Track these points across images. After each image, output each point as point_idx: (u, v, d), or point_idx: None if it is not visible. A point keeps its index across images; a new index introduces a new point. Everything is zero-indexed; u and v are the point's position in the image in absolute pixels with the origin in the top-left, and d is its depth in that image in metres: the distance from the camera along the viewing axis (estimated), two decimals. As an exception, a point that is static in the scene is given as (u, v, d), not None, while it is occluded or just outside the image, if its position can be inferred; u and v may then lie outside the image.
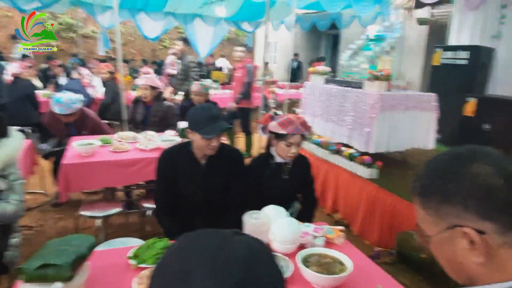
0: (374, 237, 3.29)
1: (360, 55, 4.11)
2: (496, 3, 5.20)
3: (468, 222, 0.66)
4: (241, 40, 17.73)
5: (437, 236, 0.73)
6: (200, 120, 1.95)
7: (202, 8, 10.06)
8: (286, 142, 2.09)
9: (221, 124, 1.97)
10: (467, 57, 4.77)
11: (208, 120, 1.94)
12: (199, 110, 2.01)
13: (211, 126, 1.93)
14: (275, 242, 1.62)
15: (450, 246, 0.71)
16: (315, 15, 10.50)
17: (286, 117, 2.14)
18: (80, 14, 12.44)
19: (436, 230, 0.73)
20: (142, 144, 3.25)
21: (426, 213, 0.74)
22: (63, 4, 8.86)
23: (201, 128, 1.93)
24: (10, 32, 12.67)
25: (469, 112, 4.60)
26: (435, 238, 0.74)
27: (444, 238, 0.71)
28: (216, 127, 1.94)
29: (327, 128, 4.06)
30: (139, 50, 15.51)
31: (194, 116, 1.99)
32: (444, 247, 0.73)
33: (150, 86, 3.91)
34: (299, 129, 2.08)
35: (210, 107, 2.04)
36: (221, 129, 1.96)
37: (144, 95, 3.94)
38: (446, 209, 0.69)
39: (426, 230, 0.76)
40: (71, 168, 2.76)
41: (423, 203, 0.75)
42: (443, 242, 0.72)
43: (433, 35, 8.10)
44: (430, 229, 0.74)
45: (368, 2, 7.48)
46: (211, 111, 1.98)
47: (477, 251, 0.66)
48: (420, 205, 0.76)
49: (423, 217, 0.75)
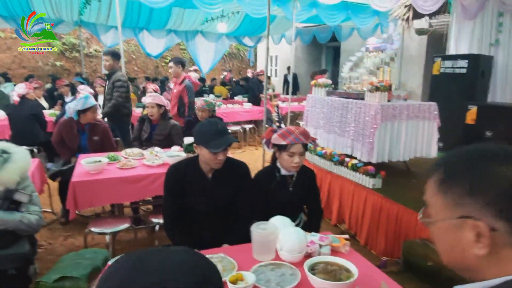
0: (380, 247, 3.30)
1: (361, 66, 4.18)
2: (493, 12, 5.28)
3: (484, 217, 0.67)
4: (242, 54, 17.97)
5: (445, 221, 0.73)
6: (207, 135, 2.00)
7: (204, 24, 10.24)
8: (288, 152, 2.14)
9: (227, 139, 2.03)
10: (466, 65, 4.83)
11: (215, 135, 1.99)
12: (206, 125, 2.06)
13: (218, 140, 1.98)
14: (282, 251, 1.65)
15: (455, 234, 0.72)
16: (315, 28, 10.66)
17: (286, 128, 2.21)
18: (84, 34, 12.69)
19: (446, 215, 0.73)
20: (148, 160, 3.31)
21: (442, 197, 0.74)
22: (67, 25, 9.09)
23: (208, 143, 1.98)
24: (16, 54, 12.93)
25: (470, 120, 4.64)
26: (442, 223, 0.74)
27: (452, 225, 0.72)
28: (222, 141, 1.99)
29: (330, 139, 4.11)
30: (142, 67, 15.72)
31: (201, 131, 2.04)
32: (448, 233, 0.74)
33: (157, 104, 3.98)
34: (299, 139, 2.13)
35: (216, 122, 2.09)
36: (227, 143, 2.01)
37: (151, 113, 3.98)
38: (467, 200, 0.69)
39: (434, 212, 0.76)
40: (80, 185, 2.81)
41: (443, 188, 0.74)
42: (450, 228, 0.73)
43: (432, 45, 8.19)
44: (440, 212, 0.74)
45: (367, 14, 7.62)
46: (217, 126, 2.03)
47: (481, 244, 0.68)
48: (438, 188, 0.75)
49: (436, 200, 0.75)
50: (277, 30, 10.37)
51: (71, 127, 3.76)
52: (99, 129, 3.88)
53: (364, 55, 4.21)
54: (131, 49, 15.23)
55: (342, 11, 7.28)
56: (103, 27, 9.48)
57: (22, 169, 2.05)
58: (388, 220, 3.24)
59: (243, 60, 18.31)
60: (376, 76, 3.89)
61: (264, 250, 1.68)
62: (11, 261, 2.03)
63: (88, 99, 3.73)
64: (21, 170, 2.04)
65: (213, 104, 4.47)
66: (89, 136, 3.81)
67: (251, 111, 7.70)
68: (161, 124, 4.06)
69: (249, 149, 7.33)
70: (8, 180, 1.97)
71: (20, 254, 2.08)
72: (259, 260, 1.66)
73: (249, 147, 7.55)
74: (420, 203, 0.82)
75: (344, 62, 4.61)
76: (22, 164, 2.06)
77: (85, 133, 3.81)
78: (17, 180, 2.00)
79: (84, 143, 3.83)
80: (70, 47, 13.97)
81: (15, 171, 2.00)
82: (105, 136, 3.92)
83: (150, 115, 4.01)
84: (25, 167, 2.08)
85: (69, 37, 13.83)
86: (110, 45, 10.35)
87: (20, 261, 2.06)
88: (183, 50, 15.97)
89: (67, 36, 13.77)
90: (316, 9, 6.99)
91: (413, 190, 3.46)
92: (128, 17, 8.91)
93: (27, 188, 2.10)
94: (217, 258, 1.63)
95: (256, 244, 1.68)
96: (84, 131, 3.81)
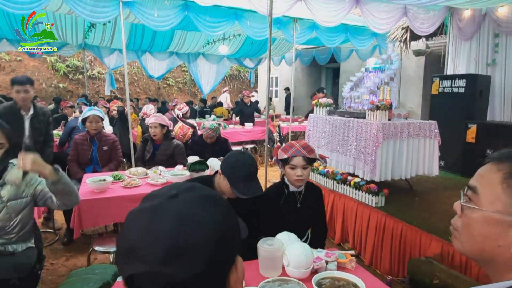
0: (385, 266, 3.28)
1: (361, 86, 4.25)
2: (489, 33, 5.42)
3: None
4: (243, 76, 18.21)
5: (496, 214, 0.71)
6: (237, 175, 1.94)
7: (205, 47, 10.44)
8: (290, 165, 2.18)
9: (255, 188, 1.96)
10: (464, 85, 4.92)
11: (245, 178, 1.94)
12: (241, 164, 1.97)
13: (246, 185, 1.93)
14: (289, 267, 1.66)
15: (500, 229, 0.70)
16: (314, 50, 10.85)
17: (288, 142, 2.27)
18: (87, 56, 12.92)
19: (499, 208, 0.71)
20: (152, 179, 3.33)
21: (505, 190, 0.71)
22: (71, 48, 9.28)
23: (236, 184, 1.93)
24: (20, 76, 13.11)
25: (470, 138, 4.69)
26: (490, 214, 0.72)
27: (502, 220, 0.70)
28: (250, 189, 1.93)
29: (332, 158, 4.14)
30: (144, 88, 15.91)
31: (233, 167, 1.96)
32: (491, 226, 0.71)
33: (160, 124, 4.03)
34: (300, 151, 2.17)
35: (252, 164, 2.02)
36: (254, 194, 1.93)
37: (154, 133, 4.04)
38: None
39: (486, 200, 0.73)
40: (85, 204, 2.81)
41: (510, 182, 0.71)
42: (496, 222, 0.71)
43: (430, 65, 8.34)
44: (492, 203, 0.72)
45: (366, 36, 7.79)
46: (251, 169, 1.98)
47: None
48: (505, 180, 0.71)
49: (495, 191, 0.72)
50: (277, 52, 10.56)
51: (84, 139, 4.02)
52: (108, 140, 4.10)
53: (363, 76, 4.29)
54: (134, 71, 15.47)
55: (341, 33, 7.44)
56: (107, 50, 9.67)
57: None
58: (393, 239, 3.24)
59: (244, 81, 18.55)
60: (376, 95, 3.96)
61: (270, 266, 1.69)
62: (17, 270, 2.04)
63: (89, 110, 4.00)
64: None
65: (219, 128, 4.55)
66: (99, 146, 4.02)
67: (252, 131, 7.76)
68: (164, 144, 4.10)
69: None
70: (13, 176, 2.05)
71: (26, 265, 2.10)
72: (266, 276, 1.67)
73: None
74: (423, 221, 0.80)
75: (343, 83, 4.69)
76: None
77: (96, 143, 4.02)
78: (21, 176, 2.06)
79: (94, 154, 4.02)
80: (74, 69, 14.19)
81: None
82: (113, 147, 4.11)
83: (153, 135, 4.05)
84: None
85: (73, 59, 14.07)
86: (113, 67, 10.55)
87: (25, 271, 2.08)
88: (185, 72, 16.22)
89: (71, 59, 14.01)
90: (315, 31, 7.14)
91: (416, 208, 3.46)
92: (132, 40, 9.10)
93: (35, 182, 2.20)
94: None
95: (263, 260, 1.69)
96: (95, 141, 4.03)
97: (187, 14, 5.69)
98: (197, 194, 0.65)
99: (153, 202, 0.63)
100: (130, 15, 6.09)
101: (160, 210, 0.60)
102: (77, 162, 4.03)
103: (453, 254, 2.73)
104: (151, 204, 0.62)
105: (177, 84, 16.87)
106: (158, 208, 0.61)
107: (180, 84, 16.90)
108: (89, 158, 4.02)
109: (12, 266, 2.04)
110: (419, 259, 2.85)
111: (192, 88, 16.16)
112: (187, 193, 0.64)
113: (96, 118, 3.96)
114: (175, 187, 0.66)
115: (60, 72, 13.89)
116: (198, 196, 0.64)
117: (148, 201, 0.64)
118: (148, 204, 0.63)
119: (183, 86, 16.80)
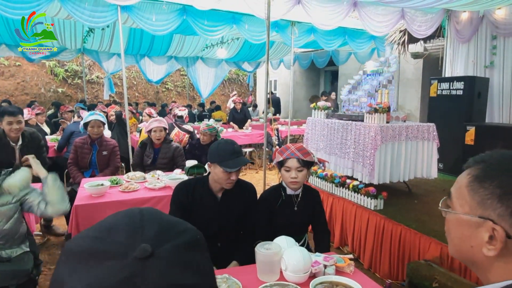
0: (384, 269, 3.27)
1: (359, 89, 4.25)
2: (486, 35, 5.43)
3: (504, 223, 0.68)
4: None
5: (464, 216, 0.75)
6: (222, 154, 2.04)
7: (204, 50, 10.47)
8: (284, 167, 2.18)
9: (242, 159, 2.08)
10: (462, 87, 4.92)
11: (231, 154, 2.04)
12: (223, 144, 2.12)
13: (233, 160, 2.03)
14: (287, 272, 1.65)
15: (470, 230, 0.74)
16: (313, 53, 10.88)
17: (285, 145, 2.28)
18: (86, 61, 12.93)
19: (466, 210, 0.75)
20: (150, 183, 3.32)
21: (471, 192, 0.74)
22: (70, 52, 9.30)
23: (223, 161, 2.02)
24: (19, 81, 13.13)
25: (469, 140, 4.69)
26: (461, 216, 0.76)
27: (470, 221, 0.73)
28: (238, 161, 2.04)
29: (331, 161, 4.13)
30: (143, 93, 15.91)
31: (217, 150, 2.08)
32: (463, 227, 0.75)
33: (164, 127, 4.04)
34: (294, 153, 2.17)
35: (233, 142, 2.15)
36: (243, 163, 2.07)
37: (159, 137, 4.04)
38: (494, 203, 0.70)
39: (458, 204, 0.77)
40: (83, 209, 2.81)
41: (475, 184, 0.74)
42: (466, 223, 0.74)
43: (428, 68, 8.35)
44: (464, 206, 0.75)
45: (364, 39, 7.81)
46: (233, 146, 2.10)
47: (492, 246, 0.70)
48: (470, 183, 0.75)
49: (464, 193, 0.76)
50: (275, 56, 10.59)
51: (85, 142, 4.04)
52: (109, 145, 4.11)
53: (362, 78, 4.29)
54: (132, 75, 15.47)
55: (339, 36, 7.46)
56: (106, 54, 9.69)
57: (23, 177, 2.18)
58: (392, 242, 3.23)
59: (243, 85, 18.56)
60: (374, 98, 3.96)
61: (268, 270, 1.68)
62: (14, 277, 2.04)
63: (91, 115, 4.03)
64: (22, 177, 2.17)
65: (215, 129, 4.54)
66: (99, 150, 4.04)
67: (251, 135, 7.76)
68: (164, 147, 4.09)
69: (249, 173, 7.34)
70: (10, 185, 2.10)
71: (24, 271, 2.10)
72: (264, 280, 1.66)
73: (249, 170, 7.56)
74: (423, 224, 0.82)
75: (342, 86, 4.69)
76: (23, 173, 2.20)
77: (96, 147, 4.04)
78: (17, 186, 2.14)
79: (94, 158, 4.02)
80: (73, 74, 14.19)
81: (16, 177, 2.15)
82: (113, 152, 4.11)
83: (158, 138, 4.04)
84: (26, 175, 2.22)
85: (72, 64, 14.08)
86: (112, 72, 10.58)
87: (23, 277, 2.08)
88: (184, 76, 16.22)
89: (70, 63, 14.02)
90: (313, 34, 7.17)
91: (415, 211, 3.45)
92: (130, 44, 9.13)
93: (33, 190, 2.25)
94: (222, 279, 1.62)
95: (261, 264, 1.68)
96: (95, 145, 4.04)
97: (185, 18, 5.71)
98: (176, 243, 0.47)
99: (110, 274, 0.41)
100: (128, 20, 6.11)
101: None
102: (77, 165, 4.03)
103: (452, 257, 2.72)
104: (111, 282, 0.41)
105: (176, 88, 16.87)
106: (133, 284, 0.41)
107: (179, 88, 16.90)
108: (88, 162, 4.02)
109: (10, 273, 2.04)
110: (418, 262, 2.84)
111: (191, 92, 16.16)
112: (162, 247, 0.45)
113: (98, 123, 3.97)
114: (135, 235, 0.45)
115: (59, 77, 13.89)
116: (181, 246, 0.47)
117: (93, 273, 0.42)
118: (98, 280, 0.41)
119: (182, 90, 16.80)
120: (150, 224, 0.49)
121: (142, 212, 0.52)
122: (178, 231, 0.50)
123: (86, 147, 4.01)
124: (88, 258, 0.43)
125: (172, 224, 0.51)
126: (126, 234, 0.46)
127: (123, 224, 0.48)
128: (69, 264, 0.44)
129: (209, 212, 2.16)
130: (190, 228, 0.52)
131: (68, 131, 5.29)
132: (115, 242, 0.45)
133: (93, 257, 0.43)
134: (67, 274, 0.43)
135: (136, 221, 0.49)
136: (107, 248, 0.44)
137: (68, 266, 0.44)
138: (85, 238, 0.47)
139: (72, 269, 0.44)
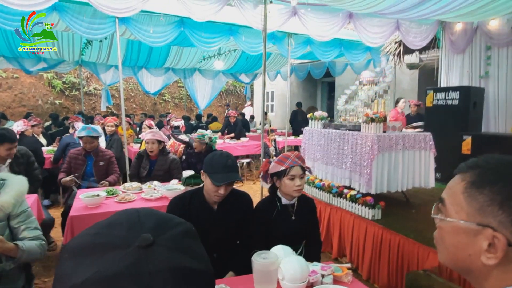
0: (383, 279, 3.23)
1: (355, 99, 4.27)
2: (481, 46, 5.49)
3: (505, 230, 0.66)
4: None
5: (461, 223, 0.71)
6: (214, 166, 2.04)
7: (201, 62, 10.52)
8: (288, 176, 2.15)
9: (232, 175, 2.05)
10: (458, 97, 4.95)
11: (222, 168, 2.03)
12: (217, 156, 2.11)
13: (222, 174, 2.01)
14: (284, 281, 1.63)
15: (467, 238, 0.71)
16: (309, 64, 10.95)
17: (282, 154, 2.25)
18: (84, 72, 12.98)
19: (463, 217, 0.71)
20: (147, 194, 3.30)
21: (468, 199, 0.71)
22: (68, 65, 9.33)
23: (212, 174, 2.01)
24: (16, 93, 13.14)
25: (466, 150, 4.70)
26: (458, 224, 0.72)
27: (467, 229, 0.71)
28: (226, 177, 2.02)
29: (328, 171, 4.12)
30: (140, 104, 15.94)
31: (211, 161, 2.08)
32: (459, 235, 0.72)
33: (157, 140, 4.02)
34: (296, 162, 2.16)
35: (229, 156, 2.12)
36: (230, 180, 2.03)
37: (151, 149, 4.01)
38: (494, 210, 0.67)
39: (453, 211, 0.74)
40: (78, 219, 2.78)
41: (472, 191, 0.71)
42: (463, 231, 0.71)
43: (424, 78, 8.43)
44: (460, 213, 0.72)
45: (359, 51, 7.89)
46: (227, 160, 2.07)
47: (492, 255, 0.67)
48: (467, 190, 0.72)
49: (460, 200, 0.73)
50: (272, 67, 10.66)
51: (79, 153, 4.02)
52: (105, 156, 4.10)
53: (358, 88, 4.31)
54: (130, 87, 15.52)
55: (336, 47, 7.53)
56: (103, 66, 9.73)
57: (18, 192, 2.04)
58: (390, 252, 3.20)
59: (240, 96, 18.64)
60: (371, 108, 3.97)
61: (265, 280, 1.66)
62: None
63: (83, 130, 3.99)
64: (17, 193, 2.03)
65: (203, 136, 4.53)
66: (95, 161, 4.02)
67: (248, 145, 7.76)
68: (160, 160, 4.07)
69: (247, 183, 7.32)
70: (3, 203, 1.95)
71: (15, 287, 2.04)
72: (261, 291, 1.64)
73: (246, 181, 7.54)
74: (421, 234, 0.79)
75: (339, 96, 4.71)
76: (18, 187, 2.05)
77: (92, 158, 4.02)
78: (12, 203, 1.98)
79: (89, 169, 4.00)
80: (70, 85, 14.22)
81: (10, 194, 1.99)
82: (110, 162, 4.10)
83: (150, 151, 4.03)
84: (21, 190, 2.07)
85: (69, 76, 14.12)
86: (110, 83, 10.61)
87: None
88: (181, 87, 16.29)
89: (67, 75, 14.06)
90: (310, 46, 7.23)
91: (413, 220, 3.44)
92: (128, 56, 9.17)
93: (24, 212, 2.09)
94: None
95: (258, 274, 1.66)
96: (90, 156, 4.02)
97: (182, 30, 5.75)
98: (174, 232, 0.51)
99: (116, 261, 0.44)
100: (126, 32, 6.15)
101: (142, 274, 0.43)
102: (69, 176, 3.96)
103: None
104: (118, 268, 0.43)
105: (173, 100, 16.92)
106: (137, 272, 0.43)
107: (176, 99, 16.95)
108: (83, 173, 3.99)
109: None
110: (417, 272, 2.82)
111: (188, 104, 16.21)
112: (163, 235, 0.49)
113: (89, 139, 3.96)
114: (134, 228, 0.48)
115: (57, 89, 13.91)
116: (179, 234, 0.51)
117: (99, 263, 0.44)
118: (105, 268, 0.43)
119: (179, 102, 16.84)
120: (148, 219, 0.52)
121: (138, 210, 0.55)
122: (174, 223, 0.54)
123: (80, 158, 4.00)
124: (92, 251, 0.46)
125: (168, 218, 0.55)
126: (126, 228, 0.49)
127: (122, 220, 0.52)
128: (73, 259, 0.46)
129: (205, 224, 2.14)
130: (184, 221, 0.57)
131: (64, 143, 5.27)
132: (116, 235, 0.47)
133: (96, 250, 0.45)
134: (72, 268, 0.45)
135: (134, 218, 0.52)
136: (109, 241, 0.46)
137: (72, 261, 0.46)
138: (85, 236, 0.49)
139: (76, 263, 0.45)
